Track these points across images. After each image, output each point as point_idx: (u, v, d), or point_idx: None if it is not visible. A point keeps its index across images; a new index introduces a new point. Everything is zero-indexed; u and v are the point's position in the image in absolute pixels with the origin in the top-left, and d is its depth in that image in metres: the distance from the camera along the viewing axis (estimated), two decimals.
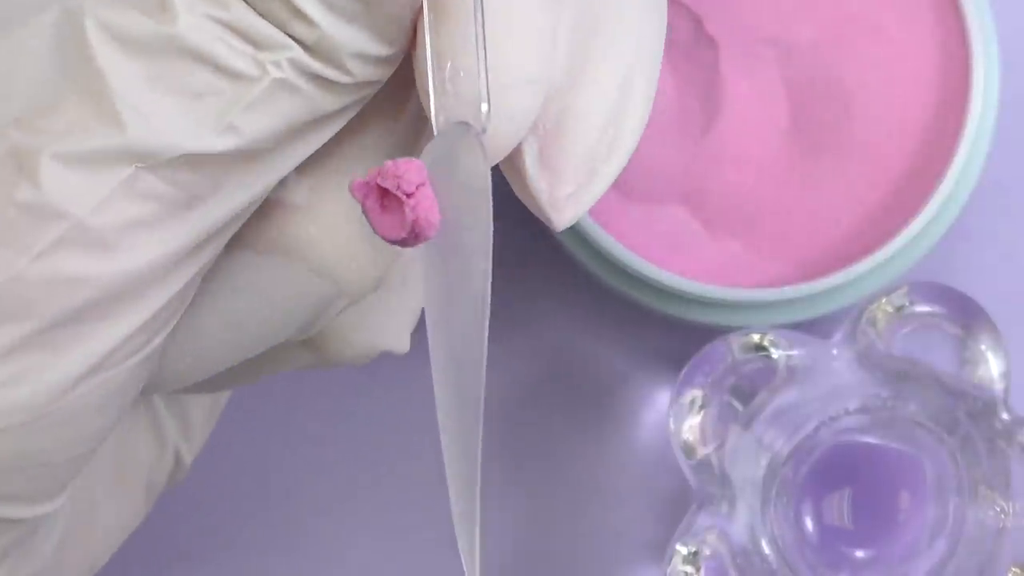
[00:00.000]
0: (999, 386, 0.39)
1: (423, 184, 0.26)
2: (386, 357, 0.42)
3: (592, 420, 0.44)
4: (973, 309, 0.40)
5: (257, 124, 0.27)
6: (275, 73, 0.26)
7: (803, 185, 0.42)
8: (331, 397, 0.44)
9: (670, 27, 0.43)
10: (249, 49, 0.26)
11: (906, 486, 0.40)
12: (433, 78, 0.27)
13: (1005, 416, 0.39)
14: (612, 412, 0.44)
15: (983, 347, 0.40)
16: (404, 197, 0.26)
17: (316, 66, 0.27)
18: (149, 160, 0.26)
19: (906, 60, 0.42)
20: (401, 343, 0.34)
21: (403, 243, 0.27)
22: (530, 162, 0.28)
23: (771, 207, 0.42)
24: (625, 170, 0.43)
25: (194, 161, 0.26)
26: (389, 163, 0.27)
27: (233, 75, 0.26)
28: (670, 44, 0.43)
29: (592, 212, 0.41)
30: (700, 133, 0.42)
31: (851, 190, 0.42)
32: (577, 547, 0.44)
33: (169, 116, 0.26)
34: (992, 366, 0.40)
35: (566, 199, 0.28)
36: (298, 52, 0.26)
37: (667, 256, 0.42)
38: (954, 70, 0.42)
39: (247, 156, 0.27)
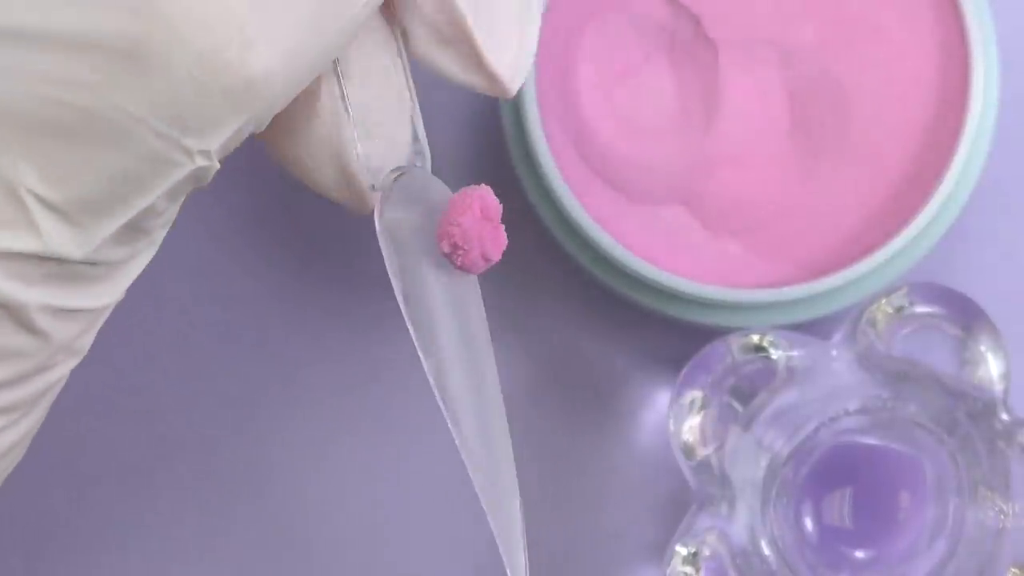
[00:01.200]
0: (999, 387, 0.39)
1: None
2: (386, 361, 0.42)
3: (592, 420, 0.44)
4: (973, 310, 0.40)
5: (175, 202, 0.28)
6: (200, 161, 0.27)
7: (803, 185, 0.42)
8: (331, 397, 0.44)
9: (670, 28, 0.43)
10: (176, 134, 0.27)
11: (906, 487, 0.40)
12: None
13: (1005, 417, 0.39)
14: (612, 412, 0.44)
15: (983, 348, 0.40)
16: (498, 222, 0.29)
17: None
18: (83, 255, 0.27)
19: (906, 60, 0.42)
20: None
21: (488, 267, 0.29)
22: (481, 38, 0.30)
23: (771, 208, 0.42)
24: (625, 170, 0.43)
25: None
26: (482, 192, 0.29)
27: (158, 162, 0.27)
28: (670, 44, 0.43)
29: (592, 213, 0.41)
30: (700, 134, 0.42)
31: (851, 190, 0.42)
32: (577, 547, 0.44)
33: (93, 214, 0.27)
34: (992, 367, 0.39)
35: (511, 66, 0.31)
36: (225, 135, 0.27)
37: (667, 257, 0.42)
38: (954, 70, 0.42)
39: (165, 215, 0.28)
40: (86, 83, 0.26)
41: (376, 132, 0.30)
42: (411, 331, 0.31)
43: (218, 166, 0.28)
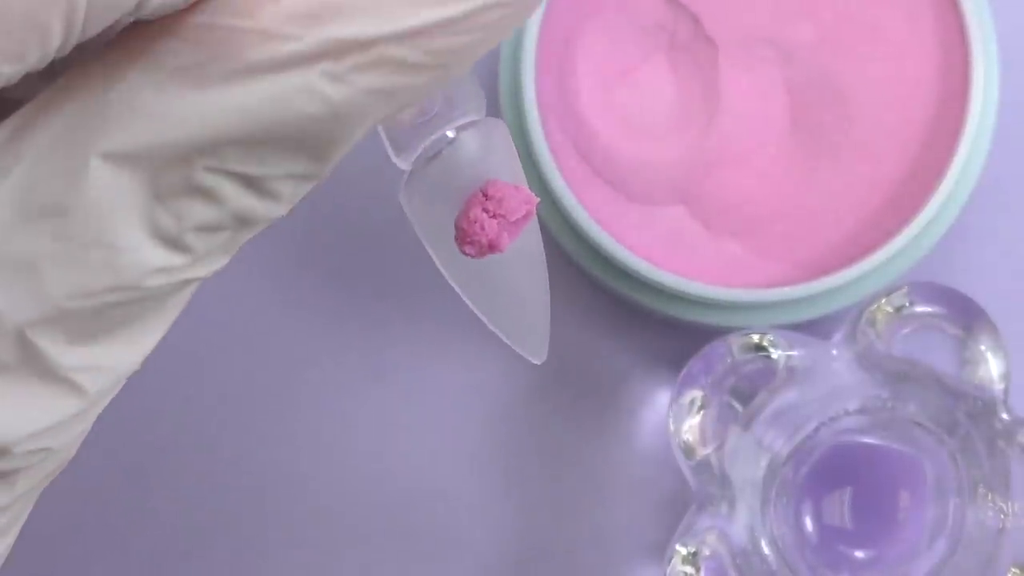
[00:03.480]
0: (999, 387, 0.39)
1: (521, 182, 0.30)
2: (389, 361, 0.42)
3: (592, 420, 0.44)
4: (973, 310, 0.40)
5: (179, 308, 0.27)
6: (200, 284, 0.26)
7: (803, 185, 0.42)
8: (332, 397, 0.44)
9: (670, 27, 0.43)
10: (193, 274, 0.26)
11: (906, 486, 0.40)
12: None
13: (1005, 417, 0.39)
14: (612, 412, 0.44)
15: (983, 348, 0.40)
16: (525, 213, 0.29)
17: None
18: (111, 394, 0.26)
19: (906, 60, 0.42)
20: None
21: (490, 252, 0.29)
22: None
23: (771, 207, 0.42)
24: (625, 170, 0.43)
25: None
26: (500, 195, 0.29)
27: (169, 298, 0.26)
28: (670, 44, 0.43)
29: (592, 213, 0.41)
30: (700, 134, 0.42)
31: (851, 190, 0.42)
32: (577, 547, 0.44)
33: (119, 353, 0.26)
34: (992, 367, 0.39)
35: None
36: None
37: (667, 257, 0.42)
38: (954, 70, 0.42)
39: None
40: None
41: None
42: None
43: None
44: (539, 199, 0.30)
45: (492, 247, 0.29)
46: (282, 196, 0.25)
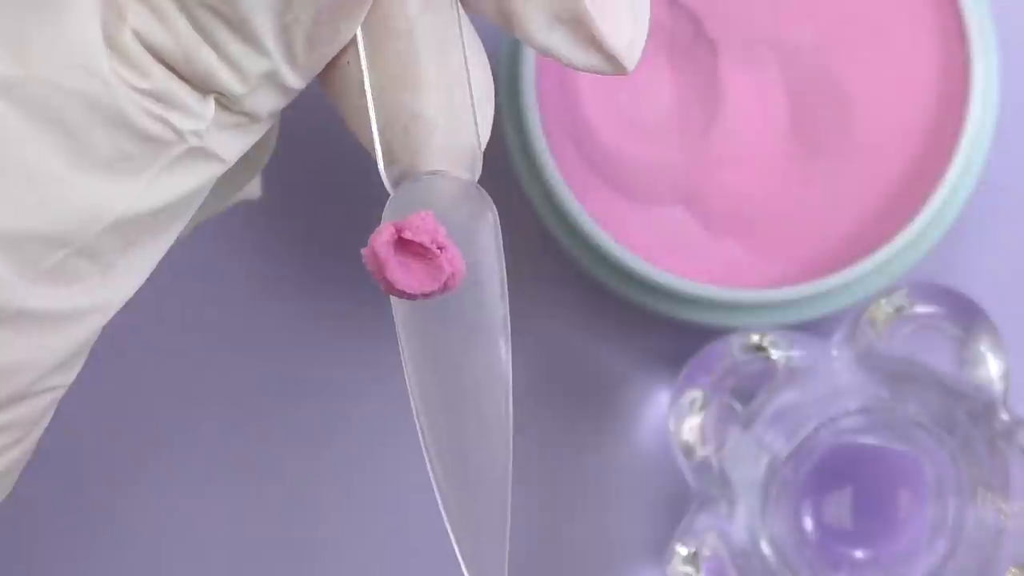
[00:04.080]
0: (999, 387, 0.39)
1: (448, 235, 0.28)
2: (387, 362, 0.42)
3: (592, 420, 0.44)
4: (973, 310, 0.40)
5: (173, 186, 0.28)
6: (193, 142, 0.27)
7: (803, 186, 0.42)
8: (331, 399, 0.44)
9: (670, 28, 0.43)
10: (167, 115, 0.27)
11: (906, 486, 0.40)
12: (377, 126, 0.29)
13: (1005, 417, 0.39)
14: (612, 412, 0.44)
15: (983, 348, 0.40)
16: (437, 250, 0.27)
17: (229, 120, 0.28)
18: (78, 241, 0.27)
19: (906, 60, 0.42)
20: None
21: (422, 296, 0.28)
22: (600, 24, 0.30)
23: (771, 208, 0.42)
24: (625, 170, 0.43)
25: (118, 225, 0.28)
26: (415, 217, 0.27)
27: (152, 140, 0.27)
28: (670, 45, 0.43)
29: (592, 212, 0.41)
30: (700, 134, 0.42)
31: (851, 191, 0.42)
32: (577, 547, 0.44)
33: (93, 189, 0.27)
34: (992, 367, 0.39)
35: (629, 45, 0.30)
36: (213, 117, 0.28)
37: (667, 257, 0.42)
38: (954, 70, 0.42)
39: (162, 212, 0.28)
40: None
41: (414, 126, 0.30)
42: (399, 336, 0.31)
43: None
44: (463, 270, 0.29)
45: (375, 253, 0.28)
46: (224, 49, 0.27)
